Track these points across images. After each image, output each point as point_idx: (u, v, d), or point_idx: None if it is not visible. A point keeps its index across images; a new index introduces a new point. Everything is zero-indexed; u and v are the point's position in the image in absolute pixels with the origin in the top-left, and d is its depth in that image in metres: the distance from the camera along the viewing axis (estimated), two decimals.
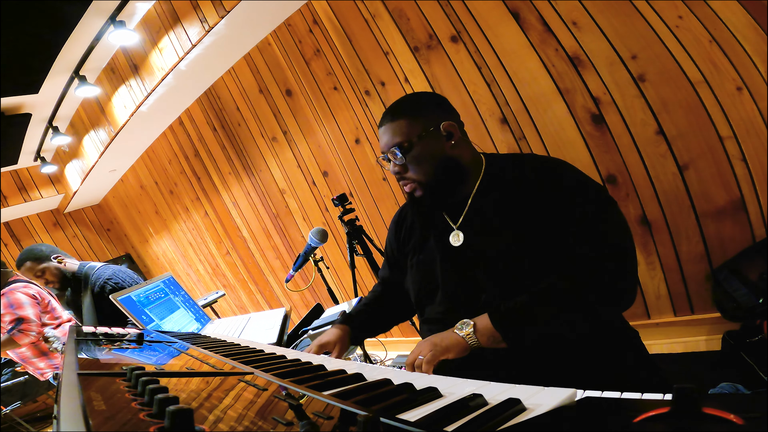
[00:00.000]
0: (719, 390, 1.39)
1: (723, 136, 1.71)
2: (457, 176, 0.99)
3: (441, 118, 0.97)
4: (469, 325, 0.85)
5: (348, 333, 1.12)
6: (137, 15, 2.83)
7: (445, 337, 0.86)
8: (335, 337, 1.08)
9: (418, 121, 0.96)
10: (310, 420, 0.43)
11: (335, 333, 1.10)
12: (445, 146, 0.97)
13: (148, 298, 1.82)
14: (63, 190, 4.93)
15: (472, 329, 0.84)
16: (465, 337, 0.84)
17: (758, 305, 1.65)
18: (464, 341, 0.84)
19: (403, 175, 0.99)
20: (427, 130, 0.96)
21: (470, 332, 0.84)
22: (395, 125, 0.97)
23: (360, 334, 1.16)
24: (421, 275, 1.05)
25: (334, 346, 1.07)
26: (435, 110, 1.00)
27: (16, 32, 2.40)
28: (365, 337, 1.21)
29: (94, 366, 0.72)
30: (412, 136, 0.95)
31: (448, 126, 0.97)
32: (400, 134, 0.96)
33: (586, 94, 1.94)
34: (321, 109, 2.92)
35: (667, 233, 1.92)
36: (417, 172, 0.97)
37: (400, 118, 0.97)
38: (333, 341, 1.07)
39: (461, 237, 0.99)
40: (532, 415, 0.42)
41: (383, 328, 1.22)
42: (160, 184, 4.62)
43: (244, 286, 4.43)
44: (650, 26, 1.73)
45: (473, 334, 0.84)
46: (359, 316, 1.18)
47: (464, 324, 0.86)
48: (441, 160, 0.96)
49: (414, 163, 0.96)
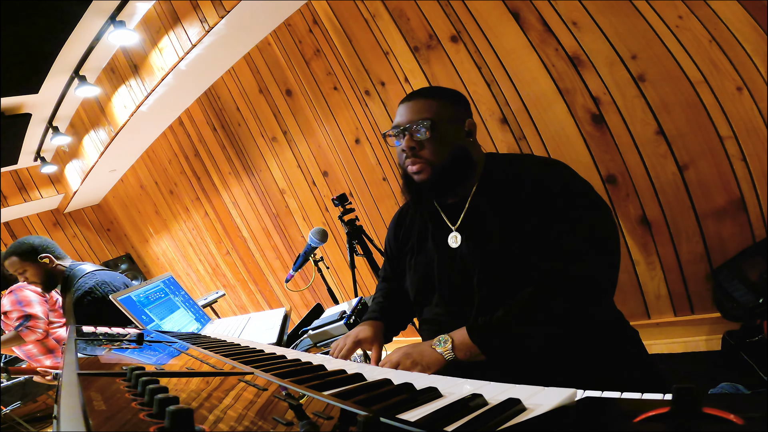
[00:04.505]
0: (719, 390, 1.39)
1: (723, 136, 1.71)
2: (464, 169, 0.99)
3: (467, 115, 1.02)
4: (448, 342, 0.87)
5: (382, 330, 1.08)
6: (137, 15, 2.83)
7: (425, 354, 0.86)
8: (373, 334, 1.04)
9: (451, 108, 0.99)
10: (310, 420, 0.43)
11: (372, 329, 1.05)
12: (464, 139, 1.00)
13: (148, 298, 1.82)
14: (63, 190, 4.93)
15: (450, 345, 0.86)
16: (443, 354, 0.86)
17: (758, 305, 1.65)
18: (442, 358, 0.85)
19: (417, 152, 0.97)
20: (456, 117, 0.99)
21: (448, 348, 0.86)
22: (427, 102, 0.98)
23: (390, 332, 1.13)
24: (419, 276, 1.05)
25: (373, 343, 1.03)
26: (464, 105, 1.04)
27: (16, 32, 2.40)
28: (394, 334, 1.15)
29: (94, 366, 0.72)
30: (442, 117, 0.97)
31: (470, 124, 1.01)
32: (430, 111, 0.97)
33: (586, 94, 1.94)
34: (321, 109, 2.92)
35: (667, 233, 1.92)
36: (434, 153, 0.96)
37: (434, 98, 0.99)
38: (371, 337, 1.03)
39: (459, 239, 0.99)
40: (532, 415, 0.42)
41: (404, 324, 1.19)
42: (160, 184, 4.62)
43: (244, 286, 4.43)
44: (650, 26, 1.73)
45: (450, 351, 0.86)
46: (385, 312, 1.13)
47: (442, 340, 0.87)
48: (457, 148, 0.98)
49: (435, 142, 0.96)
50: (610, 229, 0.90)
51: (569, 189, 0.91)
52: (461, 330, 0.87)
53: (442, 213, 1.04)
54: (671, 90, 1.76)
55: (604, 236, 0.89)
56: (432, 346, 0.87)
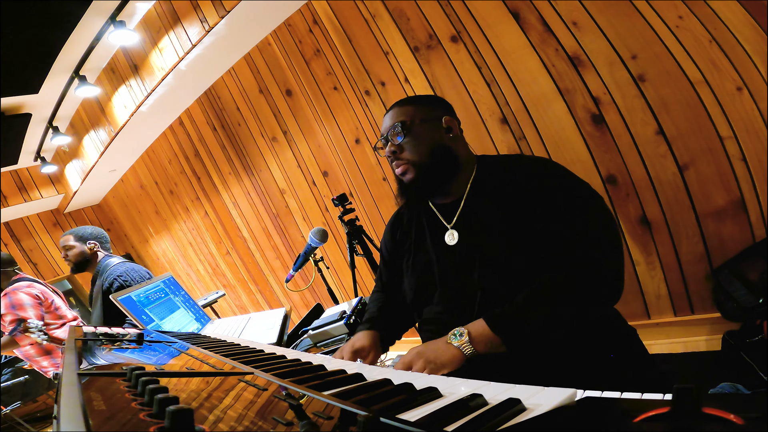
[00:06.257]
0: (719, 390, 1.39)
1: (723, 136, 1.71)
2: (449, 166, 1.01)
3: (444, 113, 1.04)
4: (464, 334, 0.82)
5: (379, 338, 1.06)
6: (137, 15, 2.83)
7: (440, 352, 0.82)
8: (370, 342, 1.02)
9: (423, 109, 1.03)
10: (310, 420, 0.43)
11: (368, 338, 1.04)
12: (443, 136, 1.01)
13: (148, 298, 1.82)
14: (63, 190, 4.93)
15: (467, 338, 0.82)
16: (460, 347, 0.81)
17: (758, 305, 1.65)
18: (460, 353, 0.81)
19: (398, 155, 1.01)
20: (430, 117, 1.02)
21: (465, 341, 0.82)
22: (402, 109, 1.03)
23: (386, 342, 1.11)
24: (419, 275, 1.05)
25: (369, 351, 1.01)
26: (440, 105, 1.07)
27: (16, 32, 2.40)
28: (390, 343, 1.12)
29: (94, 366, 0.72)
30: (415, 118, 1.01)
31: (448, 120, 1.03)
32: (404, 115, 1.02)
33: (586, 94, 1.94)
34: (321, 109, 2.92)
35: (667, 233, 1.92)
36: (412, 153, 1.00)
37: (408, 104, 1.04)
38: (368, 346, 1.02)
39: (456, 236, 1.00)
40: (532, 415, 0.42)
41: (399, 334, 1.17)
42: (160, 184, 4.62)
43: (244, 286, 4.43)
44: (650, 26, 1.73)
45: (468, 343, 0.82)
46: (380, 322, 1.11)
47: (457, 333, 0.83)
48: (437, 146, 1.00)
49: (412, 143, 1.00)
50: (612, 221, 0.92)
51: (566, 181, 0.93)
52: (477, 322, 0.84)
53: (437, 213, 1.05)
54: (671, 90, 1.76)
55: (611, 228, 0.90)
56: (447, 341, 0.83)
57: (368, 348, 1.02)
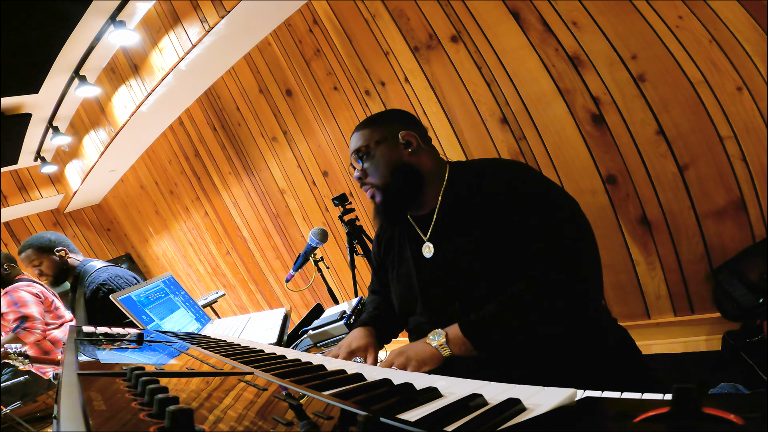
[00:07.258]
0: (719, 390, 1.39)
1: (723, 136, 1.71)
2: (414, 183, 1.02)
3: (400, 128, 1.03)
4: (442, 335, 0.87)
5: (375, 334, 1.07)
6: (137, 15, 2.83)
7: (420, 351, 0.87)
8: (366, 342, 1.02)
9: (378, 130, 1.04)
10: (310, 420, 0.43)
11: (364, 337, 1.03)
12: (402, 153, 1.02)
13: (148, 298, 1.82)
14: (63, 190, 4.93)
15: (445, 339, 0.86)
16: (438, 348, 0.86)
17: (758, 305, 1.65)
18: (438, 352, 0.86)
19: (364, 181, 1.04)
20: (385, 137, 1.03)
21: (443, 342, 0.86)
22: (359, 134, 1.05)
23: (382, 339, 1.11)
24: (402, 287, 1.07)
25: (367, 351, 1.00)
26: (394, 121, 1.06)
27: (17, 32, 2.40)
28: (386, 341, 1.14)
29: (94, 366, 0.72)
30: (370, 142, 1.03)
31: (406, 135, 1.03)
32: (361, 141, 1.04)
33: (586, 94, 1.94)
34: (321, 109, 2.92)
35: (667, 233, 1.92)
36: (375, 177, 1.03)
37: (363, 128, 1.06)
38: (365, 346, 1.01)
39: (432, 248, 1.01)
40: (532, 415, 0.42)
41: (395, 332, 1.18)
42: (160, 184, 4.62)
43: (244, 286, 4.43)
44: (650, 26, 1.73)
45: (446, 344, 0.86)
46: (376, 319, 1.12)
47: (436, 334, 0.88)
48: (397, 166, 1.01)
49: (372, 167, 1.02)
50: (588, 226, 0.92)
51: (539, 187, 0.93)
52: (454, 326, 0.88)
53: (415, 225, 1.06)
54: (671, 90, 1.76)
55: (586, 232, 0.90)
56: (426, 341, 0.88)
57: (365, 347, 1.03)
